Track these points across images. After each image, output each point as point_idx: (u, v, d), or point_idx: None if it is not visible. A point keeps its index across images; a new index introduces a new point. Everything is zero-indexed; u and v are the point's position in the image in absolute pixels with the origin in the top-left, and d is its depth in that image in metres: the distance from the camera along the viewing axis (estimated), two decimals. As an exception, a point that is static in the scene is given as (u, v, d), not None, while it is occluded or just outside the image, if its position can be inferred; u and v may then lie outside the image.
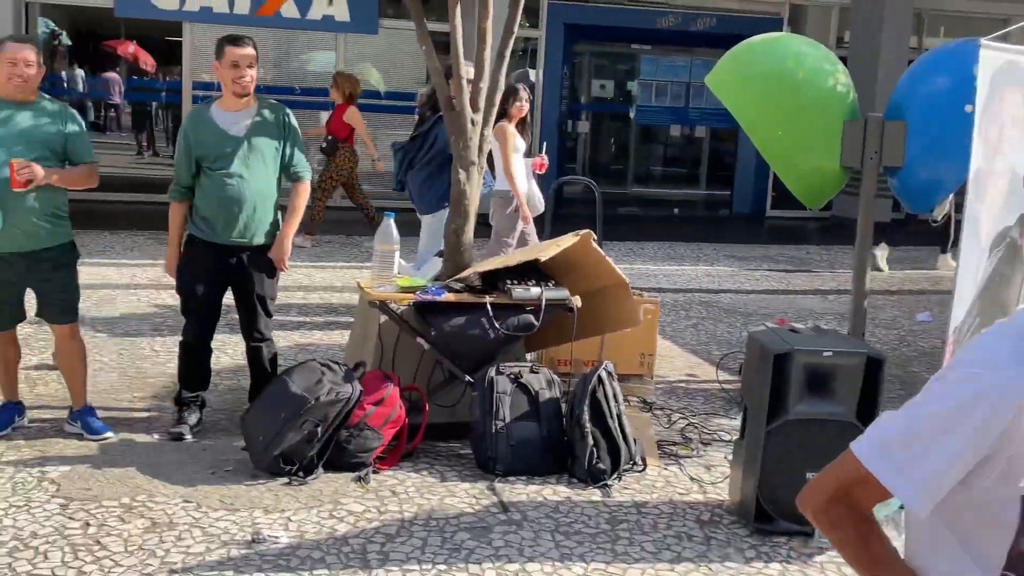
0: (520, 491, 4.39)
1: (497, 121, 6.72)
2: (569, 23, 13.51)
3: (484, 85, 5.00)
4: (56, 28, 13.52)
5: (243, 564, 3.63)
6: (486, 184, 5.73)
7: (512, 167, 6.57)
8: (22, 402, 4.86)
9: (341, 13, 12.36)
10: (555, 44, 13.59)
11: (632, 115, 15.23)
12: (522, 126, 6.86)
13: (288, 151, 4.85)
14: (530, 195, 6.90)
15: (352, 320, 7.09)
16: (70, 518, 3.91)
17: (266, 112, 4.82)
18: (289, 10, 12.14)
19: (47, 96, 4.74)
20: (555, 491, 4.42)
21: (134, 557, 3.64)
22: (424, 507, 4.18)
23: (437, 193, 6.48)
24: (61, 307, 4.68)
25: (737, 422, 5.12)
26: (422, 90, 8.15)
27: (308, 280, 8.43)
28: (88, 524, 3.87)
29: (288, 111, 4.92)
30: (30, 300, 4.74)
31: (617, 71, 15.54)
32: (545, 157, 7.20)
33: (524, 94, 6.76)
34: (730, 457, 4.55)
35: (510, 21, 5.02)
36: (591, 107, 15.23)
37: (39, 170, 4.35)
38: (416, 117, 7.58)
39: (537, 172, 7.11)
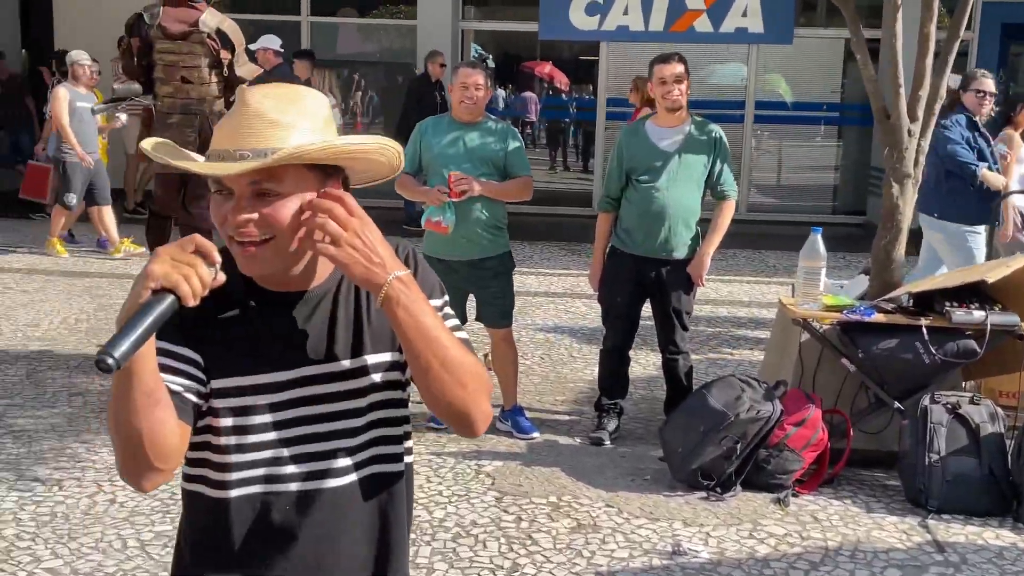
0: (957, 531, 4.06)
1: (1001, 128, 6.39)
2: (1007, 23, 12.40)
3: (924, 93, 4.70)
4: (483, 52, 14.65)
5: (665, 574, 3.69)
6: None
7: (1011, 179, 6.29)
8: (461, 399, 5.29)
9: (755, 24, 12.21)
10: (989, 46, 12.51)
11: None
12: None
13: (716, 168, 4.88)
14: None
15: (762, 335, 7.00)
16: (504, 511, 4.17)
17: (697, 129, 4.89)
18: (702, 24, 12.20)
19: (492, 116, 5.10)
20: (998, 535, 4.04)
21: (563, 555, 3.81)
22: (849, 538, 4.00)
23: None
24: (499, 312, 5.02)
25: None
26: None
27: (715, 293, 8.41)
28: (520, 519, 4.11)
29: (719, 129, 4.94)
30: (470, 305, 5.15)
31: (1061, 71, 13.98)
32: None
33: None
34: None
35: (955, 25, 4.69)
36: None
37: (476, 184, 4.71)
38: None
39: None
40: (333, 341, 1.62)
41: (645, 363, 6.17)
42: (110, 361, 1.29)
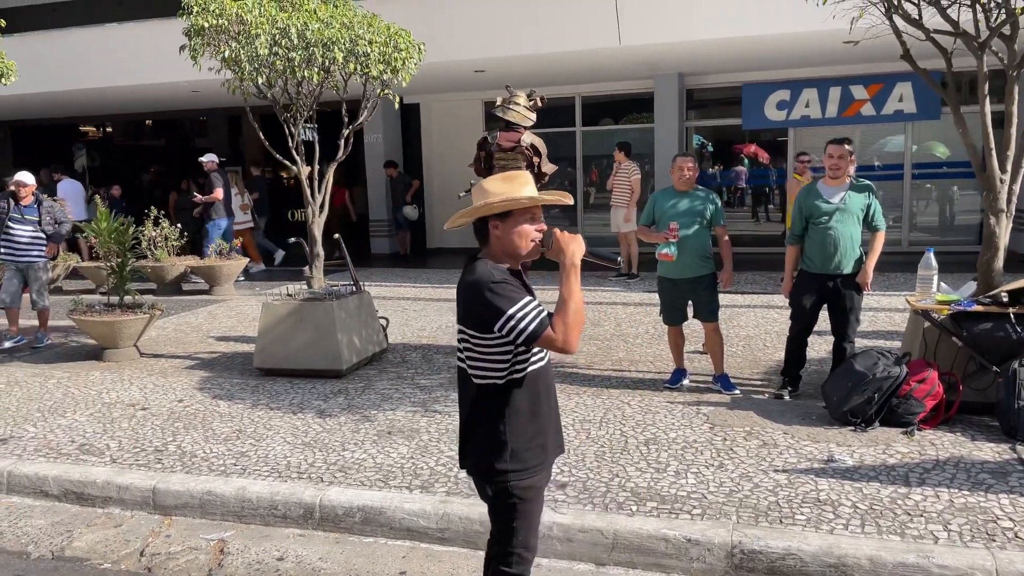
0: (1038, 454, 4.23)
1: None
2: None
3: (1010, 153, 4.86)
4: (704, 140, 15.03)
5: (821, 472, 4.11)
6: None
7: None
8: (686, 369, 5.88)
9: (909, 107, 11.92)
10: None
11: None
12: None
13: (871, 213, 5.20)
14: None
15: (893, 329, 7.04)
16: (714, 435, 4.72)
17: (855, 188, 5.21)
18: (867, 110, 12.06)
19: (700, 187, 5.65)
20: (1071, 457, 4.17)
21: (752, 459, 4.33)
22: (955, 455, 4.24)
23: None
24: (708, 311, 5.56)
25: None
26: None
27: (876, 303, 8.46)
28: (725, 439, 4.65)
29: (872, 187, 5.24)
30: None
31: None
32: None
33: None
34: None
35: (1034, 102, 4.83)
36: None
37: (729, 278, 5.47)
38: None
39: None
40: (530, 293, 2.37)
41: (817, 348, 6.47)
42: (620, 259, 2.22)
